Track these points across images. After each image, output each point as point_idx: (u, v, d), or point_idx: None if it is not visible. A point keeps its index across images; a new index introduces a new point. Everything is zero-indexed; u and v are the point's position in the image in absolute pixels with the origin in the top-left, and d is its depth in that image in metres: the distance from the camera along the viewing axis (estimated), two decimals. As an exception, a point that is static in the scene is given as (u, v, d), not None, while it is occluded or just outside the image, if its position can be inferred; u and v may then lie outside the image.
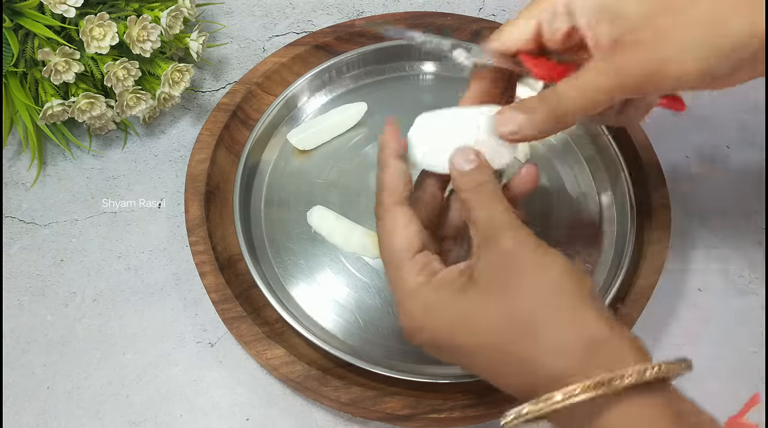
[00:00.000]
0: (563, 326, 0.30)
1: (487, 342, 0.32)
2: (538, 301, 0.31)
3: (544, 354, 0.30)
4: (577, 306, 0.31)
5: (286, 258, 0.50)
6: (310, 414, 0.46)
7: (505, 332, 0.31)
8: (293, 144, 0.54)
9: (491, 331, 0.32)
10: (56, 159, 0.56)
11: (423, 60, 0.59)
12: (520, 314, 0.31)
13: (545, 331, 0.30)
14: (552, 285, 0.31)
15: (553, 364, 0.30)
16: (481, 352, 0.33)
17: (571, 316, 0.30)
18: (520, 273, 0.31)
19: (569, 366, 0.30)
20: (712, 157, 0.57)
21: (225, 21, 0.64)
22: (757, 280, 0.51)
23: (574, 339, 0.30)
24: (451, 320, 0.33)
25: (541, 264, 0.31)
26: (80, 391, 0.46)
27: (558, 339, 0.30)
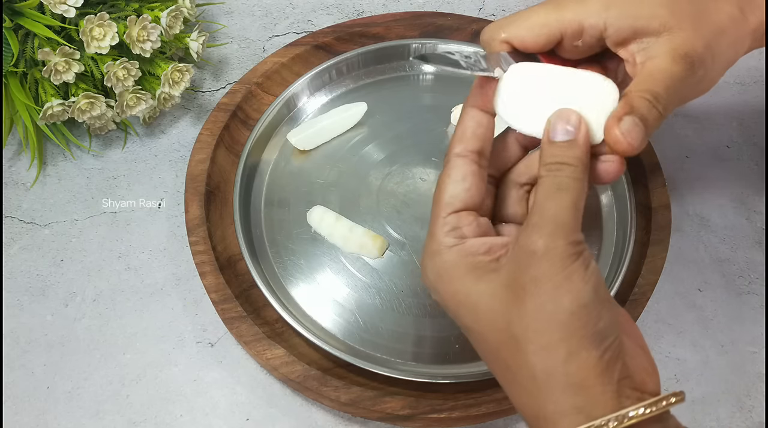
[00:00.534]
0: (549, 360, 0.29)
1: (484, 334, 0.32)
2: (538, 325, 0.29)
3: (525, 377, 0.30)
4: (573, 342, 0.29)
5: (286, 258, 0.50)
6: (310, 414, 0.46)
7: (498, 338, 0.31)
8: (293, 144, 0.54)
9: (490, 327, 0.31)
10: (56, 159, 0.56)
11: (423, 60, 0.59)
12: (517, 329, 0.30)
13: (531, 356, 0.29)
14: (559, 313, 0.29)
15: (531, 388, 0.30)
16: (478, 339, 0.32)
17: (562, 352, 0.29)
18: (535, 289, 0.30)
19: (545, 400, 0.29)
20: (712, 157, 0.57)
21: (225, 21, 0.64)
22: (757, 280, 0.51)
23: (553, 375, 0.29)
24: (459, 296, 0.32)
25: (560, 287, 0.29)
26: (80, 391, 0.46)
27: (539, 368, 0.29)
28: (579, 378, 0.29)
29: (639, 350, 0.31)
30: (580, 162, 0.31)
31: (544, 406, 0.29)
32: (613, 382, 0.29)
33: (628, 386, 0.29)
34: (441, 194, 0.33)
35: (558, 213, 0.30)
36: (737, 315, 0.50)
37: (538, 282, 0.30)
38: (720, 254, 0.52)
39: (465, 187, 0.33)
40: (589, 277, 0.30)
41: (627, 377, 0.30)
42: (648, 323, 0.49)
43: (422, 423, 0.43)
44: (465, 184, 0.33)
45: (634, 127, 0.31)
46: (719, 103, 0.60)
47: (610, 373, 0.29)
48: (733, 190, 0.55)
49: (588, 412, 0.28)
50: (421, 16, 0.60)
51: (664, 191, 0.51)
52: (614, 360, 0.29)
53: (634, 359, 0.30)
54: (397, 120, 0.56)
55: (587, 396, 0.29)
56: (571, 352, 0.29)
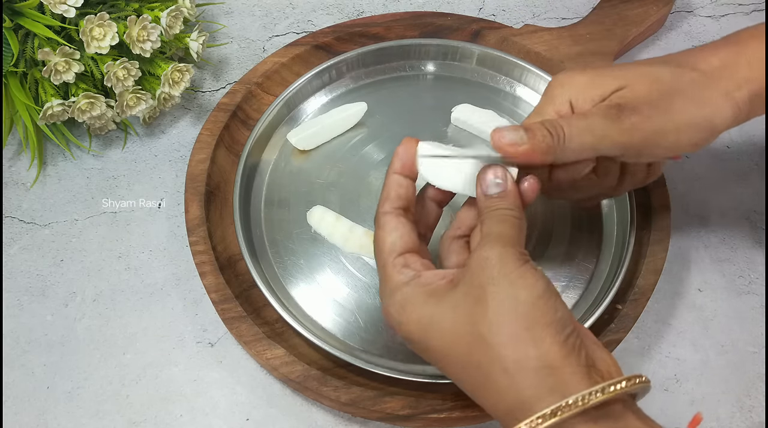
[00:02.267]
0: (518, 348, 0.31)
1: (452, 348, 0.33)
2: (502, 319, 0.31)
3: (497, 371, 0.31)
4: (537, 330, 0.31)
5: (286, 258, 0.50)
6: (310, 414, 0.46)
7: (467, 341, 0.32)
8: (293, 144, 0.54)
9: (456, 338, 0.33)
10: (56, 159, 0.56)
11: (423, 60, 0.59)
12: (482, 327, 0.32)
13: (500, 350, 0.31)
14: (519, 306, 0.31)
15: (503, 383, 0.31)
16: (448, 357, 0.34)
17: (528, 340, 0.31)
18: (494, 288, 0.32)
19: (519, 388, 0.31)
20: (712, 157, 0.57)
21: (225, 21, 0.64)
22: (757, 280, 0.51)
23: (524, 362, 0.31)
24: (423, 320, 0.34)
25: (516, 283, 0.32)
26: (80, 391, 0.46)
27: (510, 359, 0.31)
28: (548, 361, 0.31)
29: (596, 347, 0.33)
30: (515, 205, 0.36)
31: (519, 394, 0.31)
32: (581, 365, 0.31)
33: (595, 373, 0.31)
34: (382, 245, 0.37)
35: (503, 231, 0.34)
36: (737, 315, 0.50)
37: (495, 281, 0.32)
38: (720, 254, 0.52)
39: (399, 235, 0.37)
40: (540, 275, 0.33)
41: (593, 366, 0.32)
42: (648, 323, 0.49)
43: (422, 423, 0.43)
44: (398, 233, 0.37)
45: (513, 132, 0.36)
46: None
47: (576, 356, 0.31)
48: (733, 190, 0.55)
49: (562, 391, 0.30)
50: (421, 16, 0.60)
51: (664, 191, 0.51)
52: (578, 346, 0.32)
53: (594, 352, 0.33)
54: (397, 120, 0.56)
55: (559, 377, 0.30)
56: (536, 339, 0.31)
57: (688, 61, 0.38)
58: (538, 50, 0.58)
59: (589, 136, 0.36)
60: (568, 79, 0.39)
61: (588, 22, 0.60)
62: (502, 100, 0.57)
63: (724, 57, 0.38)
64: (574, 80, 0.39)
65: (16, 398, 0.46)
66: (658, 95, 0.37)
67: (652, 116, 0.37)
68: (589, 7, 0.62)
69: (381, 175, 0.53)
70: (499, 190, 0.36)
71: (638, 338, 0.49)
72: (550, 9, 0.66)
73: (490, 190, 0.36)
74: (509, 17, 0.65)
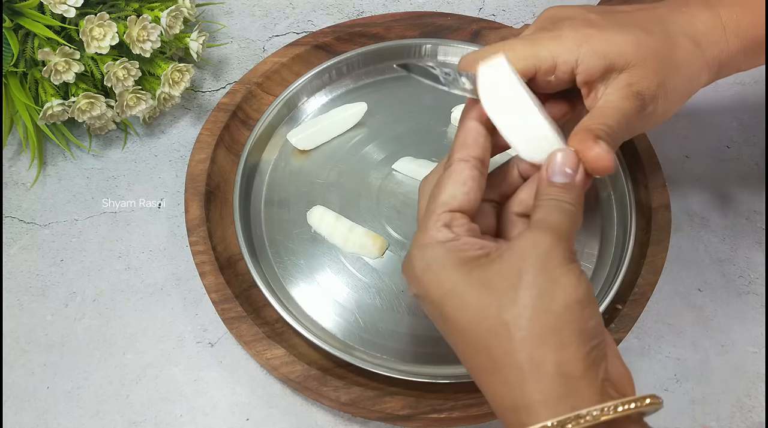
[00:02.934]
0: (540, 348, 0.30)
1: (469, 326, 0.31)
2: (531, 313, 0.30)
3: (510, 365, 0.30)
4: (565, 335, 0.30)
5: (286, 258, 0.50)
6: (310, 414, 0.46)
7: (487, 325, 0.31)
8: (293, 144, 0.54)
9: (476, 317, 0.31)
10: (56, 159, 0.56)
11: (423, 60, 0.59)
12: (508, 315, 0.30)
13: (520, 344, 0.30)
14: (553, 305, 0.30)
15: (514, 379, 0.30)
16: (462, 333, 0.32)
17: (553, 342, 0.29)
18: (532, 278, 0.30)
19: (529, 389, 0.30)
20: (712, 157, 0.57)
21: (225, 21, 0.64)
22: (757, 280, 0.51)
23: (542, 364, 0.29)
24: (446, 285, 0.32)
25: (557, 281, 0.30)
26: (80, 391, 0.46)
27: (528, 356, 0.30)
28: (567, 369, 0.29)
29: (617, 359, 0.32)
30: (577, 201, 0.33)
31: (528, 395, 0.29)
32: (598, 379, 0.30)
33: (609, 386, 0.30)
34: (440, 192, 0.34)
35: (560, 223, 0.32)
36: (737, 315, 0.50)
37: (536, 272, 0.30)
38: (720, 254, 0.52)
39: (464, 190, 0.34)
40: (584, 279, 0.31)
41: (608, 379, 0.31)
42: (648, 323, 0.49)
43: (422, 423, 0.43)
44: (464, 188, 0.34)
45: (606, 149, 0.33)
46: (719, 103, 0.60)
47: (596, 370, 0.30)
48: (733, 190, 0.55)
49: (573, 404, 0.29)
50: (421, 16, 0.60)
51: (664, 191, 0.51)
52: (600, 359, 0.30)
53: (613, 365, 0.32)
54: (397, 120, 0.56)
55: (574, 388, 0.29)
56: (562, 343, 0.29)
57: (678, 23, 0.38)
58: (538, 50, 0.58)
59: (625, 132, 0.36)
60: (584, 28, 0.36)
61: (588, 22, 0.60)
62: (502, 100, 0.57)
63: (705, 20, 0.38)
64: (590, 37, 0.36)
65: (16, 398, 0.46)
66: (664, 77, 0.36)
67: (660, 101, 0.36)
68: (589, 7, 0.62)
69: (381, 175, 0.53)
70: (567, 181, 0.33)
71: (638, 338, 0.49)
72: (550, 9, 0.66)
73: (557, 177, 0.33)
74: (509, 17, 0.65)
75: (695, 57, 0.38)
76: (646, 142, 0.53)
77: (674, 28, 0.38)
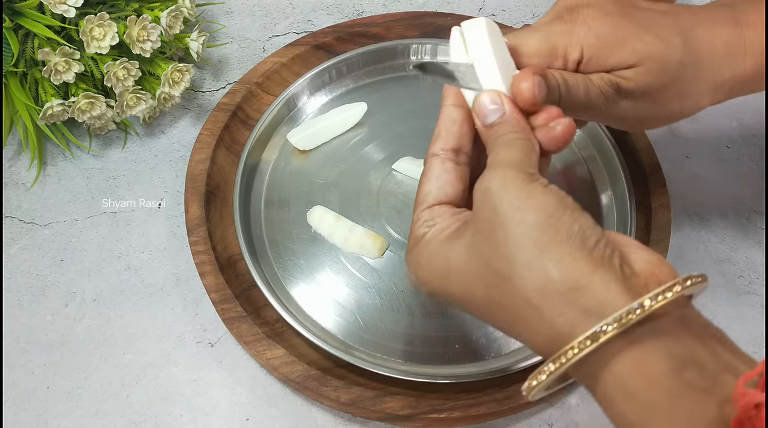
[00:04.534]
0: (536, 275, 0.28)
1: (472, 292, 0.31)
2: (514, 248, 0.29)
3: (520, 305, 0.29)
4: (552, 250, 0.28)
5: (286, 258, 0.50)
6: (310, 414, 0.46)
7: (485, 282, 0.30)
8: (293, 144, 0.54)
9: (473, 280, 0.31)
10: (56, 159, 0.56)
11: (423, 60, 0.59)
12: (496, 263, 0.29)
13: (518, 281, 0.29)
14: (529, 229, 0.29)
15: (531, 316, 0.29)
16: (471, 300, 0.32)
17: (544, 262, 0.28)
18: (500, 218, 0.29)
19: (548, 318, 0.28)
20: (712, 157, 0.57)
21: (225, 21, 0.64)
22: (757, 280, 0.51)
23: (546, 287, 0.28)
24: (440, 270, 0.32)
25: (522, 207, 0.29)
26: (80, 391, 0.46)
27: (530, 288, 0.28)
28: (573, 280, 0.28)
29: (638, 249, 0.30)
30: (519, 128, 0.33)
31: (553, 324, 0.28)
32: (616, 277, 0.28)
33: (635, 281, 0.28)
34: (417, 194, 0.34)
35: (507, 156, 0.31)
36: (737, 315, 0.50)
37: (500, 210, 0.30)
38: (720, 254, 0.52)
39: (438, 184, 0.34)
40: (549, 191, 0.30)
41: (632, 274, 0.28)
42: (648, 323, 0.49)
43: (422, 423, 0.43)
44: (438, 183, 0.34)
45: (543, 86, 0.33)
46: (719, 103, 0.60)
47: (608, 268, 0.28)
48: (733, 190, 0.55)
49: (598, 311, 0.27)
50: (421, 16, 0.60)
51: (664, 191, 0.51)
52: (608, 256, 0.28)
53: (634, 255, 0.29)
54: (397, 120, 0.56)
55: (590, 295, 0.27)
56: (553, 259, 0.28)
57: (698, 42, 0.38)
58: (538, 50, 0.58)
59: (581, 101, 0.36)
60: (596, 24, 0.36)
61: (588, 22, 0.60)
62: (502, 100, 0.57)
63: (728, 42, 0.38)
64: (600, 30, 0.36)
65: (16, 398, 0.46)
66: (658, 87, 0.37)
67: (642, 106, 0.37)
68: (589, 7, 0.62)
69: (381, 175, 0.53)
70: (498, 116, 0.33)
71: (638, 338, 0.49)
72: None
73: (489, 118, 0.33)
74: (509, 17, 0.65)
75: (703, 79, 0.38)
76: (646, 142, 0.53)
77: (694, 45, 0.38)
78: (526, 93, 0.33)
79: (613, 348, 0.27)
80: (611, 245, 0.29)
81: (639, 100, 0.37)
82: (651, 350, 0.27)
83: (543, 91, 0.33)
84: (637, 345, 0.27)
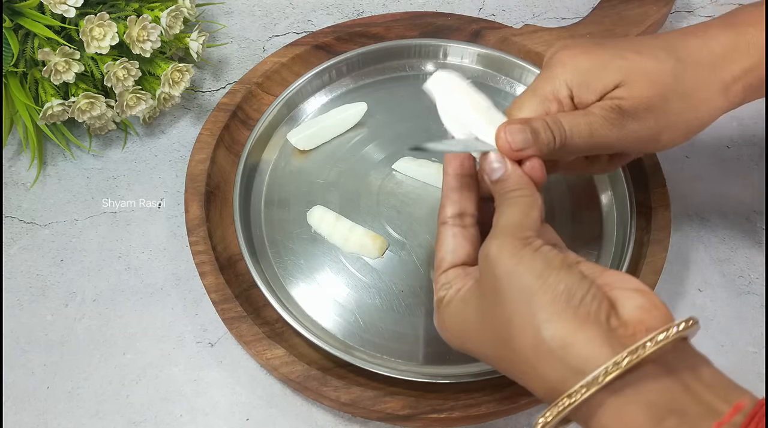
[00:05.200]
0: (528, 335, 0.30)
1: (487, 350, 0.34)
2: (509, 311, 0.31)
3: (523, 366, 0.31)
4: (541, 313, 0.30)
5: (286, 258, 0.50)
6: (310, 414, 0.46)
7: (494, 341, 0.33)
8: (293, 144, 0.54)
9: (485, 341, 0.33)
10: (56, 159, 0.56)
11: (423, 60, 0.59)
12: (500, 325, 0.32)
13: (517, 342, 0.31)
14: (522, 294, 0.31)
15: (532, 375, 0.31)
16: (486, 357, 0.34)
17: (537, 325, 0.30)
18: (499, 283, 0.32)
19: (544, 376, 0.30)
20: (712, 157, 0.57)
21: (225, 21, 0.64)
22: (757, 280, 0.51)
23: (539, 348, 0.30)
24: (459, 331, 0.35)
25: (516, 272, 0.31)
26: (80, 391, 0.46)
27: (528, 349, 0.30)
28: (559, 339, 0.29)
29: (632, 293, 0.31)
30: (521, 184, 0.35)
31: (547, 379, 0.30)
32: (601, 333, 0.29)
33: (622, 334, 0.29)
34: (434, 259, 0.37)
35: (507, 220, 0.33)
36: (737, 315, 0.50)
37: (498, 276, 0.32)
38: (720, 254, 0.52)
39: (449, 249, 0.36)
40: (538, 254, 0.31)
41: (620, 325, 0.29)
42: (648, 323, 0.49)
43: (422, 423, 0.43)
44: (449, 248, 0.36)
45: (519, 132, 0.35)
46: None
47: (591, 324, 0.29)
48: (733, 190, 0.55)
49: (582, 368, 0.29)
50: (421, 16, 0.60)
51: (664, 191, 0.51)
52: (593, 312, 0.30)
53: (626, 300, 0.30)
54: (397, 120, 0.56)
55: (576, 353, 0.29)
56: (543, 320, 0.30)
57: (689, 49, 0.38)
58: (539, 50, 0.58)
59: (588, 137, 0.37)
60: (570, 59, 0.38)
61: (588, 22, 0.60)
62: (502, 100, 0.57)
63: (725, 42, 0.38)
64: (577, 62, 0.38)
65: (16, 398, 0.46)
66: (658, 99, 0.37)
67: (650, 122, 0.37)
68: (589, 7, 0.62)
69: (381, 174, 0.53)
70: (501, 173, 0.35)
71: (638, 338, 0.49)
72: (550, 9, 0.66)
73: (494, 175, 0.35)
74: (509, 17, 0.65)
75: (708, 82, 0.38)
76: (646, 142, 0.53)
77: (683, 54, 0.38)
78: (500, 142, 0.35)
79: (596, 401, 0.29)
80: (599, 297, 0.30)
81: (645, 118, 0.37)
82: (631, 401, 0.28)
83: (518, 137, 0.35)
84: (618, 397, 0.28)
